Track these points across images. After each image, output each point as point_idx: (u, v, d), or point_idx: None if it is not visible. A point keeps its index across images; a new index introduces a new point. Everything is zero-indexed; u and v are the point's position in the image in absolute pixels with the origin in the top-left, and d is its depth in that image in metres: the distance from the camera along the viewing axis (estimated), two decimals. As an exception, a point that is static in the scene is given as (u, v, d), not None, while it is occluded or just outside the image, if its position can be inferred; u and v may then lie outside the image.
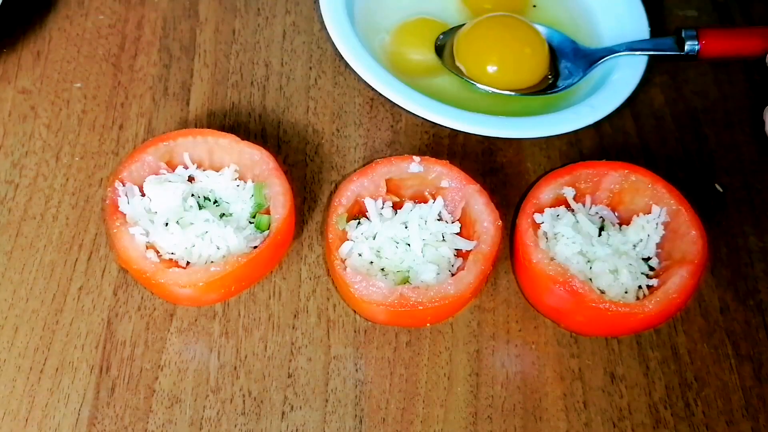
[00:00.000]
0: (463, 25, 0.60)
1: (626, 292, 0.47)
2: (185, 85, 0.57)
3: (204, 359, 0.47)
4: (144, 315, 0.48)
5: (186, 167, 0.50)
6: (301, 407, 0.46)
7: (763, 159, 0.57)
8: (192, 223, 0.47)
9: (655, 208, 0.49)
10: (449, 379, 0.47)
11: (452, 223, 0.49)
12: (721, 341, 0.49)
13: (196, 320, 0.48)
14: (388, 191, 0.50)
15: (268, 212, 0.48)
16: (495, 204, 0.48)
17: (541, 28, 0.59)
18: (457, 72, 0.58)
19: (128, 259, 0.45)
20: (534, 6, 0.62)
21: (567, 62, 0.59)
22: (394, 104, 0.54)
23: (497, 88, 0.57)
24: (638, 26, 0.60)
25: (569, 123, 0.54)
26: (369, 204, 0.49)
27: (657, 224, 0.49)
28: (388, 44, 0.59)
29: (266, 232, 0.48)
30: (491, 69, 0.57)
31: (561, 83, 0.58)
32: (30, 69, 0.57)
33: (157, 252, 0.46)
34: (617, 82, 0.56)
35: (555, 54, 0.59)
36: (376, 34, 0.60)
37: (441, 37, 0.59)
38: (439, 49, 0.59)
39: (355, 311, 0.49)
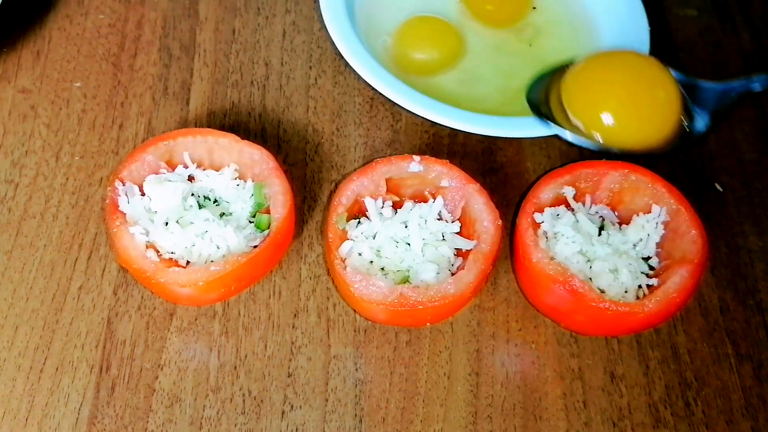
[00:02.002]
0: (564, 67, 0.49)
1: (626, 292, 0.47)
2: (185, 84, 0.57)
3: (204, 359, 0.47)
4: (144, 314, 0.48)
5: (186, 167, 0.50)
6: (301, 406, 0.46)
7: (763, 159, 0.57)
8: (192, 223, 0.47)
9: (655, 208, 0.49)
10: (449, 378, 0.47)
11: (452, 222, 0.49)
12: (721, 341, 0.49)
13: (196, 320, 0.48)
14: (388, 190, 0.50)
15: (268, 212, 0.48)
16: (495, 203, 0.48)
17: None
18: (570, 127, 0.47)
19: (128, 259, 0.45)
20: (534, 8, 0.62)
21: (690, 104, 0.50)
22: (394, 104, 0.54)
23: (624, 145, 0.46)
24: (638, 26, 0.59)
25: (569, 122, 0.54)
26: (369, 203, 0.49)
27: (657, 224, 0.49)
28: (391, 45, 0.59)
29: (266, 232, 0.48)
30: (616, 122, 0.46)
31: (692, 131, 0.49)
32: (30, 68, 0.57)
33: (157, 251, 0.46)
34: (617, 82, 0.56)
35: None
36: (378, 35, 0.59)
37: (536, 84, 0.50)
38: (536, 98, 0.49)
39: (355, 311, 0.49)
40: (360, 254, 0.48)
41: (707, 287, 0.51)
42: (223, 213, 0.49)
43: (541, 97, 0.48)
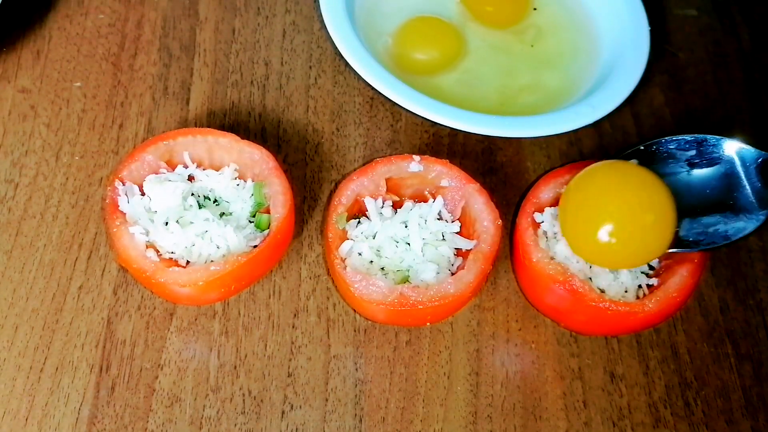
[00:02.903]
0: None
1: (626, 292, 0.47)
2: (185, 84, 0.57)
3: (204, 358, 0.47)
4: (144, 314, 0.48)
5: (186, 166, 0.50)
6: (300, 406, 0.46)
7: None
8: (192, 223, 0.47)
9: (655, 208, 0.49)
10: (449, 378, 0.47)
11: (452, 222, 0.49)
12: (721, 341, 0.49)
13: (196, 319, 0.48)
14: (388, 190, 0.50)
15: (268, 211, 0.48)
16: (495, 203, 0.49)
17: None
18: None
19: (128, 259, 0.45)
20: (534, 9, 0.62)
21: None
22: (394, 103, 0.54)
23: (614, 267, 0.46)
24: (638, 26, 0.60)
25: (569, 122, 0.54)
26: (369, 203, 0.49)
27: (657, 224, 0.49)
28: (391, 45, 0.59)
29: (266, 232, 0.48)
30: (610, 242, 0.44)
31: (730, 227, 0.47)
32: (30, 68, 0.57)
33: (157, 251, 0.46)
34: (617, 82, 0.56)
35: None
36: (378, 35, 0.59)
37: None
38: None
39: (355, 310, 0.49)
40: (360, 254, 0.48)
41: (707, 287, 0.51)
42: (223, 213, 0.49)
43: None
